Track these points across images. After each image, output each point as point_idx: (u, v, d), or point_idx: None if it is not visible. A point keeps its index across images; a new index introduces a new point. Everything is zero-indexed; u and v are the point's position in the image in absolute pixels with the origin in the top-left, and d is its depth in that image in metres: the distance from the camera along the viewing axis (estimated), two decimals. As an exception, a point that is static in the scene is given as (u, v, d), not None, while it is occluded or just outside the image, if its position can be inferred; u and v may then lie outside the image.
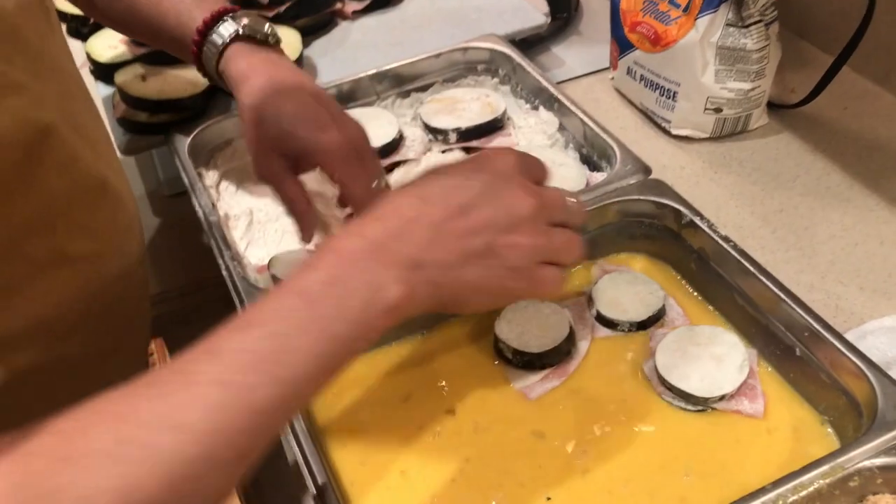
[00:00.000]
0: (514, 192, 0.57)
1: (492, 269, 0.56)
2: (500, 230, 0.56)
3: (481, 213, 0.56)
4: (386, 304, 0.51)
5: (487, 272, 0.56)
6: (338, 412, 0.71)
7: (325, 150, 0.72)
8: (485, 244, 0.55)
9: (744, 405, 0.69)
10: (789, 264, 0.84)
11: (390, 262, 0.52)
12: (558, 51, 1.17)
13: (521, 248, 0.57)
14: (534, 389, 0.72)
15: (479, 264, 0.56)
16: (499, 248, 0.56)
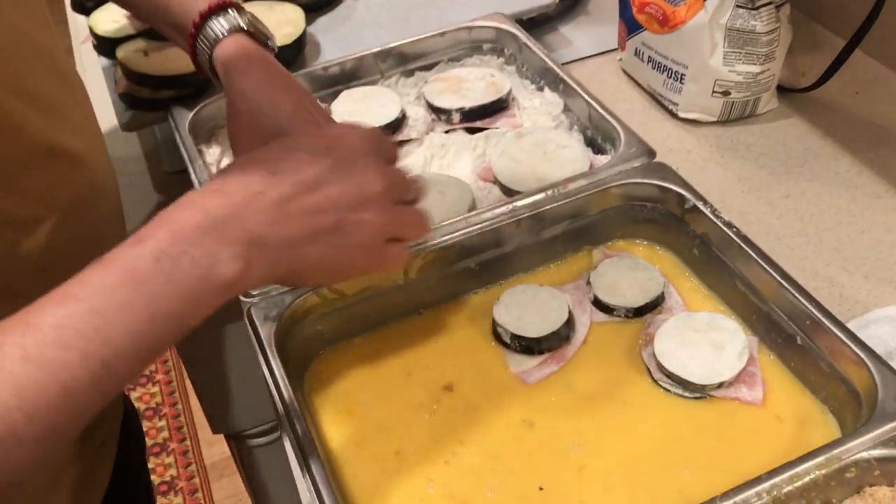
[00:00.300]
0: (364, 170, 0.57)
1: (337, 246, 0.55)
2: (349, 208, 0.55)
3: (331, 190, 0.55)
4: (220, 281, 0.50)
5: (332, 250, 0.55)
6: (336, 392, 0.71)
7: None
8: (333, 221, 0.55)
9: (742, 392, 0.68)
10: (794, 251, 0.82)
11: (229, 240, 0.50)
12: (566, 31, 1.15)
13: (370, 225, 0.56)
14: (531, 374, 0.71)
15: (325, 241, 0.55)
16: (347, 225, 0.55)
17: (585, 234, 0.80)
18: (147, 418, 2.22)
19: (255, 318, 0.69)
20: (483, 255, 0.77)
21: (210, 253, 0.49)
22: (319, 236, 0.54)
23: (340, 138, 0.59)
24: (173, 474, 2.09)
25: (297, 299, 0.70)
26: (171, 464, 2.11)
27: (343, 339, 0.74)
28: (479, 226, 0.76)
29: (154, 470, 2.10)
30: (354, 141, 0.58)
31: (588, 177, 0.79)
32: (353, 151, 0.57)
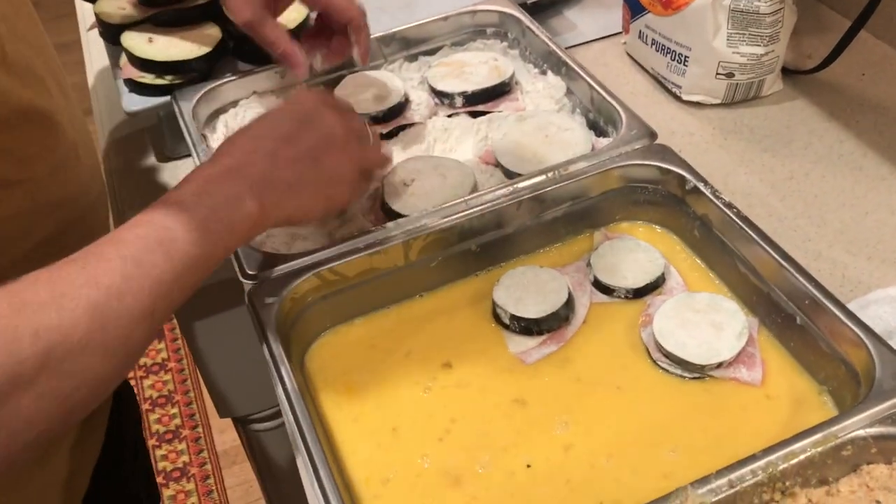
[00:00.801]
0: (325, 120, 0.71)
1: (323, 183, 0.70)
2: (323, 150, 0.69)
3: (304, 140, 0.69)
4: (247, 213, 0.63)
5: (323, 184, 0.70)
6: (336, 372, 0.71)
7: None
8: (313, 163, 0.68)
9: (741, 373, 0.68)
10: (797, 232, 0.82)
11: (244, 182, 0.64)
12: (571, 14, 1.15)
13: (343, 161, 0.71)
14: (530, 355, 0.71)
15: (313, 181, 0.69)
16: (325, 164, 0.69)
17: (586, 216, 0.80)
18: (160, 405, 2.24)
19: (256, 302, 0.69)
20: (484, 237, 0.77)
21: (236, 191, 0.63)
22: (307, 177, 0.68)
23: (299, 101, 0.72)
24: (185, 461, 2.11)
25: (297, 281, 0.70)
26: (184, 450, 2.13)
27: (344, 321, 0.75)
28: (479, 208, 0.76)
29: (167, 456, 2.12)
30: (310, 99, 0.72)
31: (589, 159, 0.79)
32: (312, 108, 0.71)
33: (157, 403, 2.25)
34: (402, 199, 0.80)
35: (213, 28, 0.98)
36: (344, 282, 0.73)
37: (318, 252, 0.72)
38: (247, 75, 0.95)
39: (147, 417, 2.20)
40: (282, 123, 0.70)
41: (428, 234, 0.74)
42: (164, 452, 2.13)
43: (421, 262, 0.75)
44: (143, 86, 0.95)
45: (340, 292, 0.73)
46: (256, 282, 0.71)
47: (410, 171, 0.84)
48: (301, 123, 0.70)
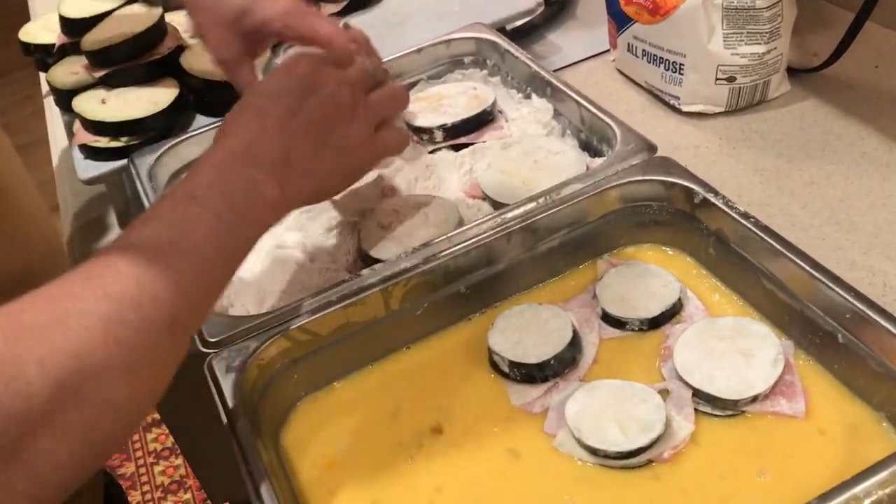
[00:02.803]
0: (325, 81, 0.64)
1: (341, 149, 0.64)
2: (331, 116, 0.63)
3: (310, 109, 0.62)
4: (265, 198, 0.57)
5: (339, 154, 0.64)
6: (315, 445, 0.62)
7: (283, 13, 0.74)
8: (325, 130, 0.63)
9: (782, 405, 0.58)
10: (825, 241, 0.73)
11: (258, 165, 0.58)
12: (554, 38, 1.08)
13: (354, 121, 0.65)
14: (535, 406, 0.62)
15: (330, 149, 0.63)
16: (338, 128, 0.63)
17: (586, 244, 0.72)
18: (172, 492, 2.14)
19: (217, 371, 0.61)
20: (473, 277, 0.69)
21: (250, 175, 0.57)
22: (321, 147, 0.62)
23: (292, 69, 0.65)
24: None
25: (264, 345, 0.62)
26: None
27: (321, 386, 0.66)
28: (465, 244, 0.68)
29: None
30: (305, 65, 0.65)
31: (583, 180, 0.71)
32: (309, 71, 0.64)
33: (170, 490, 2.15)
34: (379, 244, 0.72)
35: (170, 83, 0.92)
36: (317, 341, 0.64)
37: (285, 310, 0.64)
38: (209, 129, 0.88)
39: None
40: (283, 95, 0.63)
41: (409, 278, 0.66)
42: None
43: (404, 311, 0.67)
44: (98, 150, 0.88)
45: (314, 353, 0.65)
46: (216, 350, 0.62)
47: (388, 212, 0.76)
48: (303, 92, 0.63)
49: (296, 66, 0.65)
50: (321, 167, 0.62)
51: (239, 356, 0.61)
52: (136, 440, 2.22)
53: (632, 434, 0.57)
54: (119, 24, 0.94)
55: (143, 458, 2.19)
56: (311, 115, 0.62)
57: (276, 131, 0.60)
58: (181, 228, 0.53)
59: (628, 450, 0.57)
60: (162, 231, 0.52)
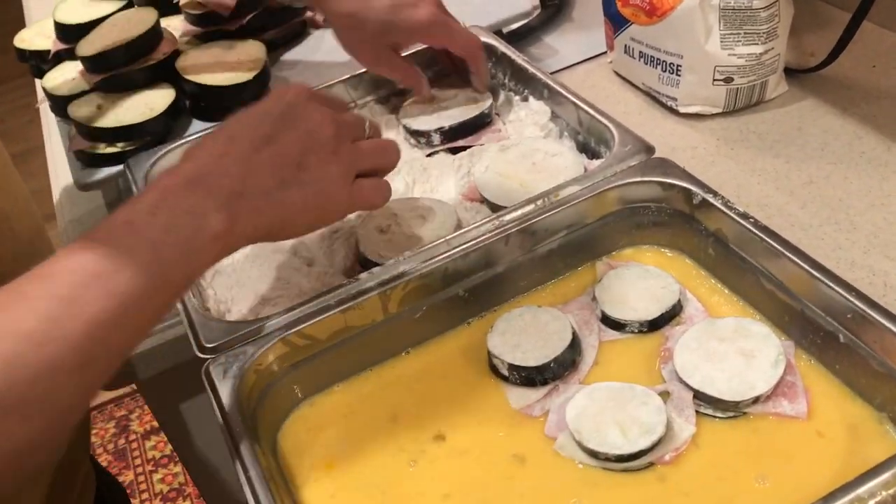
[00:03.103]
0: (310, 115, 0.60)
1: (309, 188, 0.59)
2: (308, 151, 0.59)
3: (285, 139, 0.59)
4: (211, 231, 0.53)
5: (306, 192, 0.59)
6: (313, 450, 0.62)
7: (425, 23, 0.81)
8: (295, 166, 0.58)
9: (783, 406, 0.58)
10: (824, 240, 0.73)
11: (209, 193, 0.54)
12: (551, 40, 1.08)
13: (332, 162, 0.60)
14: (535, 409, 0.62)
15: (296, 186, 0.58)
16: (309, 166, 0.59)
17: (585, 246, 0.71)
18: (171, 500, 2.13)
19: (214, 377, 0.60)
20: (472, 280, 0.68)
21: (198, 205, 0.53)
22: (289, 182, 0.58)
23: (280, 96, 0.62)
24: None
25: (261, 350, 0.62)
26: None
27: (319, 390, 0.65)
28: (463, 247, 0.67)
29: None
30: (292, 93, 0.62)
31: (581, 182, 0.71)
32: (294, 102, 0.61)
33: (168, 498, 2.14)
34: (377, 247, 0.72)
35: (166, 88, 0.91)
36: (315, 345, 0.64)
37: (283, 314, 0.63)
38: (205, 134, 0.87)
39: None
40: (259, 122, 0.59)
41: (407, 282, 0.65)
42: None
43: (403, 315, 0.66)
44: (94, 156, 0.88)
45: (313, 358, 0.64)
46: (213, 356, 0.62)
47: (386, 215, 0.75)
48: (282, 121, 0.59)
49: (284, 95, 0.62)
50: (285, 202, 0.58)
51: (236, 362, 0.61)
52: (135, 448, 2.22)
53: (633, 436, 0.57)
54: (114, 30, 0.94)
55: (142, 465, 2.18)
56: (284, 146, 0.58)
57: (237, 159, 0.56)
58: (111, 261, 0.49)
59: (629, 452, 0.56)
60: (89, 262, 0.48)
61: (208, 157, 0.56)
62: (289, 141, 0.58)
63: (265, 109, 0.60)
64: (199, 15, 1.00)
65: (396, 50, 0.85)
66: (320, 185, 0.59)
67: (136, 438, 2.25)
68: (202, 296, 0.72)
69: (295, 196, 0.58)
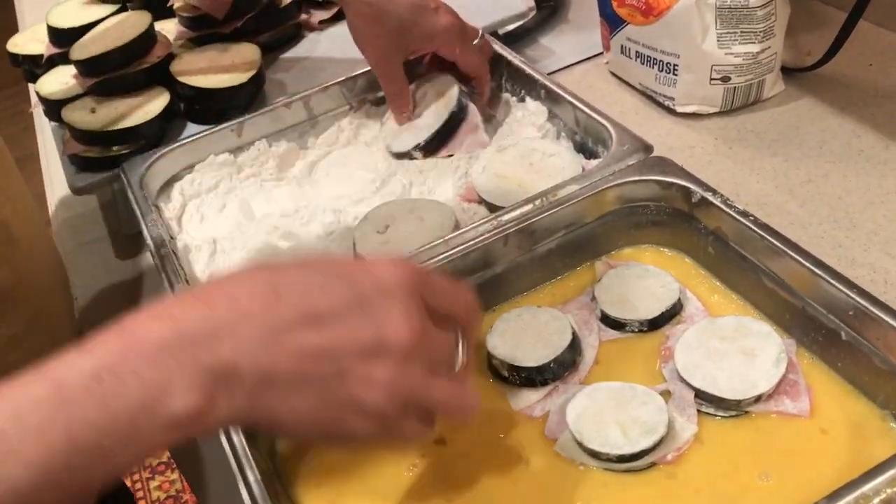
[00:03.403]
0: (390, 312, 0.44)
1: (332, 401, 0.43)
2: (358, 355, 0.43)
3: (339, 328, 0.43)
4: (169, 415, 0.39)
5: (324, 404, 0.43)
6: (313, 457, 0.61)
7: (444, 30, 0.80)
8: (332, 369, 0.43)
9: (786, 405, 0.58)
10: (824, 238, 0.73)
11: (193, 363, 0.40)
12: (547, 41, 1.07)
13: (379, 383, 0.43)
14: (536, 409, 0.61)
15: (317, 391, 0.43)
16: (349, 377, 0.43)
17: (584, 245, 0.71)
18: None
19: (211, 379, 0.59)
20: (470, 280, 0.68)
21: (162, 375, 0.39)
22: (311, 382, 0.43)
23: (370, 268, 0.46)
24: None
25: (258, 352, 0.61)
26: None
27: (317, 392, 0.64)
28: (462, 247, 0.67)
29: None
30: (391, 274, 0.45)
31: (579, 181, 0.70)
32: (382, 288, 0.44)
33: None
34: (375, 249, 0.71)
35: (161, 91, 0.91)
36: (313, 348, 0.63)
37: (280, 316, 0.63)
38: (200, 137, 0.87)
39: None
40: (322, 290, 0.44)
41: (405, 283, 0.65)
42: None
43: (401, 317, 0.66)
44: (88, 160, 0.87)
45: (310, 360, 0.63)
46: (211, 358, 0.61)
47: (384, 217, 0.75)
48: (351, 303, 0.44)
49: (375, 270, 0.46)
50: (287, 404, 0.43)
51: (233, 364, 0.60)
52: (131, 455, 2.20)
53: (634, 436, 0.56)
54: (108, 33, 0.93)
55: (139, 472, 2.17)
56: (334, 334, 0.43)
57: (263, 329, 0.42)
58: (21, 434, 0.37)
59: (630, 452, 0.56)
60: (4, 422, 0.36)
61: (227, 308, 0.42)
62: (344, 334, 0.43)
63: (342, 279, 0.45)
64: (193, 18, 0.99)
65: (405, 54, 0.84)
66: (345, 406, 0.44)
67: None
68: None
69: (307, 402, 0.43)
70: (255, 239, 0.79)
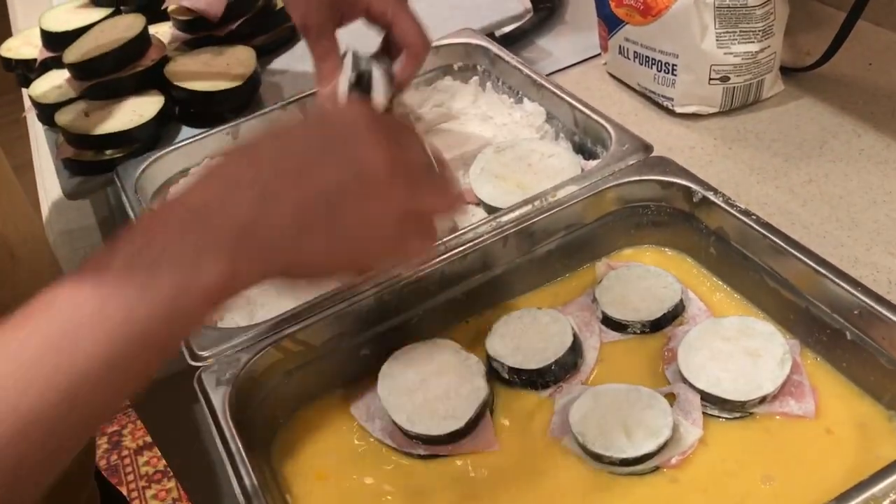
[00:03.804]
0: (362, 146, 0.47)
1: (339, 235, 0.47)
2: (346, 191, 0.46)
3: (322, 174, 0.46)
4: (204, 285, 0.43)
5: (333, 239, 0.47)
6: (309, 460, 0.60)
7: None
8: (328, 208, 0.46)
9: (790, 406, 0.57)
10: (826, 238, 0.72)
11: (209, 234, 0.43)
12: (544, 43, 1.07)
13: (376, 208, 0.47)
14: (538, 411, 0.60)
15: (323, 232, 0.46)
16: (345, 212, 0.46)
17: (584, 246, 0.70)
18: (164, 516, 2.11)
19: (206, 384, 0.59)
20: (470, 282, 0.67)
21: (194, 245, 0.43)
22: (313, 227, 0.46)
23: (329, 118, 0.51)
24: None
25: (254, 357, 0.60)
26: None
27: (314, 397, 0.64)
28: (460, 249, 0.66)
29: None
30: (346, 116, 0.49)
31: (578, 181, 0.70)
32: (344, 129, 0.48)
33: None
34: (372, 251, 0.70)
35: (155, 94, 0.90)
36: (310, 352, 0.62)
37: (276, 319, 0.62)
38: (195, 140, 0.86)
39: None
40: (295, 148, 0.48)
41: (403, 285, 0.64)
42: (171, 567, 1.99)
43: (399, 319, 0.65)
44: (82, 164, 0.86)
45: (307, 364, 0.63)
46: (206, 363, 0.60)
47: (380, 219, 0.74)
48: (323, 150, 0.47)
49: (336, 117, 0.50)
50: (302, 250, 0.47)
51: (229, 369, 0.59)
52: (128, 464, 2.19)
53: (638, 440, 0.55)
54: (102, 37, 0.93)
55: (135, 481, 2.16)
56: (317, 182, 0.46)
57: (255, 191, 0.45)
58: (65, 334, 0.40)
59: (634, 456, 0.55)
60: (53, 322, 0.40)
61: (220, 185, 0.46)
62: (325, 177, 0.46)
63: (306, 132, 0.49)
64: (187, 21, 0.99)
65: (337, 21, 0.74)
66: (354, 233, 0.48)
67: (129, 454, 2.22)
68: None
69: (318, 244, 0.47)
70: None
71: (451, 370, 0.61)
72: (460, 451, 0.58)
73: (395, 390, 0.60)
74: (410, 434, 0.58)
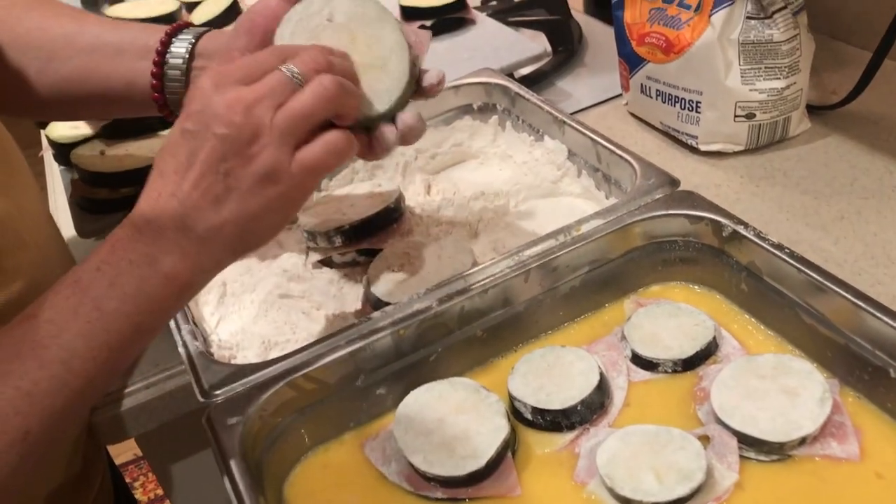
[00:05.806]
0: (214, 112, 0.51)
1: (245, 192, 0.52)
2: (225, 155, 0.51)
3: (201, 156, 0.51)
4: (163, 273, 0.51)
5: (244, 198, 0.52)
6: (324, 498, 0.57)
7: None
8: (221, 177, 0.51)
9: (833, 448, 0.53)
10: (862, 276, 0.69)
11: (157, 237, 0.51)
12: (564, 84, 1.06)
13: (255, 154, 0.51)
14: (563, 454, 0.57)
15: (232, 198, 0.52)
16: (234, 171, 0.51)
17: (611, 283, 0.68)
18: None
19: (216, 423, 0.56)
20: (490, 319, 0.64)
21: (145, 253, 0.51)
22: (222, 198, 0.52)
23: (187, 104, 0.53)
24: None
25: (266, 395, 0.57)
26: None
27: (329, 437, 0.61)
28: (481, 284, 0.63)
29: None
30: (195, 96, 0.53)
31: (603, 215, 0.67)
32: (200, 106, 0.52)
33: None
34: (389, 286, 0.68)
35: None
36: (325, 389, 0.60)
37: (290, 357, 0.59)
38: (210, 178, 0.85)
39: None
40: (177, 146, 0.52)
41: (421, 321, 0.62)
42: None
43: (417, 357, 0.62)
44: (96, 202, 0.85)
45: (321, 403, 0.60)
46: (217, 401, 0.57)
47: (398, 255, 0.72)
48: (193, 135, 0.52)
49: (191, 99, 0.53)
50: (228, 220, 0.52)
51: (241, 407, 0.57)
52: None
53: (669, 483, 0.52)
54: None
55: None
56: (202, 163, 0.51)
57: (169, 195, 0.51)
58: (52, 326, 0.49)
59: (666, 500, 0.51)
60: (28, 331, 0.49)
61: (147, 199, 0.53)
62: (204, 155, 0.51)
63: (180, 127, 0.53)
64: (206, 62, 0.98)
65: None
66: (255, 183, 0.51)
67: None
68: (206, 341, 0.68)
69: (235, 209, 0.52)
70: (266, 282, 0.76)
71: (471, 409, 0.58)
72: (480, 495, 0.55)
73: (411, 430, 0.57)
74: (428, 476, 0.55)
